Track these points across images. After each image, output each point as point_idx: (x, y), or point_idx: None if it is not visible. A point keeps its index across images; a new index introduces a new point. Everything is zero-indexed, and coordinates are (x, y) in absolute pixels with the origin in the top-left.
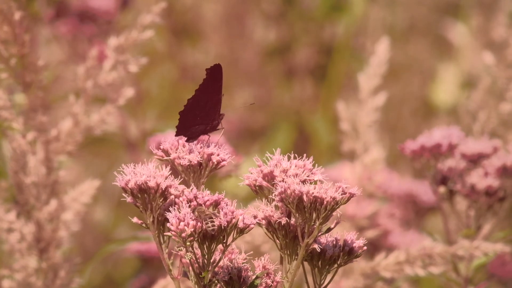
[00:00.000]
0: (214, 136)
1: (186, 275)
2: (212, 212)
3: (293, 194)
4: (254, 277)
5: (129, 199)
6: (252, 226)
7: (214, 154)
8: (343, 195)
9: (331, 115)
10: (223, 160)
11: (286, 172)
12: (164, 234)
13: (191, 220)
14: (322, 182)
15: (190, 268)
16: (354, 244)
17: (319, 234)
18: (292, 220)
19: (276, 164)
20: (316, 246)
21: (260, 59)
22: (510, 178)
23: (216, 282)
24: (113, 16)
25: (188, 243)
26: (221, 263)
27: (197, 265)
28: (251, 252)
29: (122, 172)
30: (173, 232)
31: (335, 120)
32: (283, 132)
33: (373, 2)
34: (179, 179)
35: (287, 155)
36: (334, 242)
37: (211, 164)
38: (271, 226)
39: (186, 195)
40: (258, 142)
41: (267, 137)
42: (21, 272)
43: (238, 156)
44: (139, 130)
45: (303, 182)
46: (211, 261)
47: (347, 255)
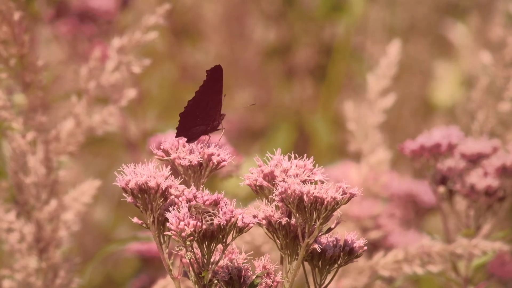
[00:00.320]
0: (214, 137)
1: (186, 275)
2: (206, 208)
3: (293, 194)
4: (254, 277)
5: (129, 199)
6: (251, 225)
7: (214, 155)
8: (344, 195)
9: (331, 115)
10: (224, 161)
11: (287, 172)
12: (164, 234)
13: (191, 219)
14: (323, 182)
15: (190, 268)
16: (355, 244)
17: (320, 234)
18: (293, 220)
19: (276, 164)
20: (316, 246)
21: (260, 59)
22: (509, 178)
23: (216, 282)
24: (113, 16)
25: (188, 243)
26: (221, 263)
27: (197, 265)
28: (251, 252)
29: (122, 172)
30: (173, 232)
31: (335, 120)
32: (283, 132)
33: (373, 2)
34: (180, 179)
35: (287, 155)
36: (335, 242)
37: (211, 164)
38: (271, 226)
39: (186, 195)
40: (258, 142)
41: (267, 137)
42: (21, 272)
43: (239, 156)
44: (139, 130)
45: (304, 182)
46: (211, 260)
47: (348, 255)
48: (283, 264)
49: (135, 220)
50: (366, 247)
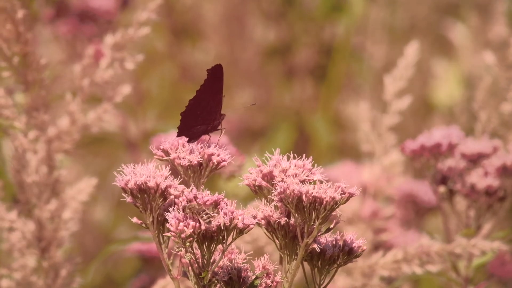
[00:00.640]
0: (215, 136)
1: (185, 275)
2: (202, 208)
3: (292, 194)
4: (253, 277)
5: (128, 199)
6: (251, 226)
7: (214, 155)
8: (343, 195)
9: (331, 115)
10: (224, 161)
11: (286, 172)
12: (164, 234)
13: (191, 220)
14: (322, 182)
15: (190, 268)
16: (354, 244)
17: (319, 234)
18: (292, 220)
19: (275, 164)
20: (315, 246)
21: (260, 59)
22: (510, 178)
23: (216, 282)
24: (113, 16)
25: (187, 244)
26: (220, 263)
27: (196, 265)
28: (251, 252)
29: (122, 172)
30: (172, 233)
31: (335, 120)
32: (283, 132)
33: (373, 2)
34: (179, 179)
35: (286, 155)
36: (334, 242)
37: (211, 164)
38: (270, 226)
39: (185, 195)
40: (258, 142)
41: (267, 137)
42: (19, 271)
43: (242, 156)
44: (139, 130)
45: (303, 182)
46: (211, 261)
47: (347, 255)
48: (282, 264)
49: (135, 220)
50: (365, 247)
